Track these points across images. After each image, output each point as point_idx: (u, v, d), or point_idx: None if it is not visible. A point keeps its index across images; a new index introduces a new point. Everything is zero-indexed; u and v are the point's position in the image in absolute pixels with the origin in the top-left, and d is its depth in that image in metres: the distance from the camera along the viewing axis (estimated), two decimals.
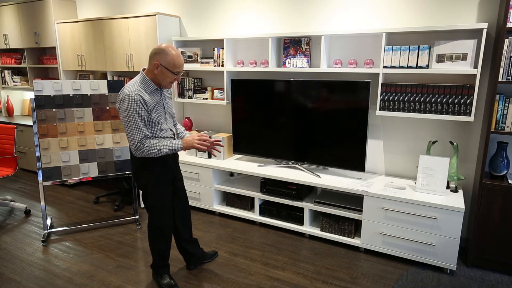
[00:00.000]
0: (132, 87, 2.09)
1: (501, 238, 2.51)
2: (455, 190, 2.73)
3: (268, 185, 3.23)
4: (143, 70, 2.19)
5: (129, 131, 2.09)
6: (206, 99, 3.68)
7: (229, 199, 3.53)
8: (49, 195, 4.12)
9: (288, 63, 3.24)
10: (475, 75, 2.67)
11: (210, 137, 2.36)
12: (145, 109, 2.10)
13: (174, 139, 2.35)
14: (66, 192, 4.21)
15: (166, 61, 2.09)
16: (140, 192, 2.30)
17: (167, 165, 2.29)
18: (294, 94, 3.15)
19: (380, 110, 2.84)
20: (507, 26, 2.28)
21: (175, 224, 2.48)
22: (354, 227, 2.92)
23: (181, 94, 3.83)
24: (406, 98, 2.74)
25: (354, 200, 3.03)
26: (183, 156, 3.69)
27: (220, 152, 3.30)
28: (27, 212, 3.62)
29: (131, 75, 4.35)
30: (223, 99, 3.59)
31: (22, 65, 5.00)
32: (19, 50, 5.16)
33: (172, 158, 2.33)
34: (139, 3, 4.20)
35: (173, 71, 2.12)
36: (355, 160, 2.99)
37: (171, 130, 2.32)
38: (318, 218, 3.28)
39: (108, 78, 4.42)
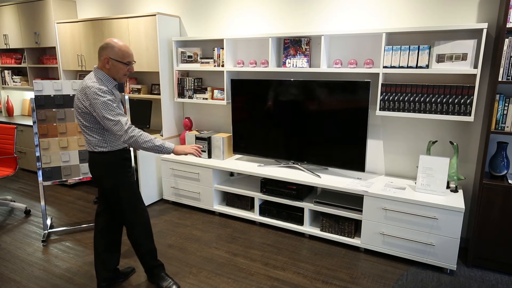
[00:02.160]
0: (96, 83, 2.02)
1: (501, 238, 2.51)
2: (455, 190, 2.73)
3: (268, 185, 3.23)
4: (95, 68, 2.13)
5: (112, 118, 1.99)
6: (206, 99, 3.68)
7: (229, 199, 3.53)
8: (49, 195, 4.12)
9: (288, 63, 3.24)
10: (475, 75, 2.67)
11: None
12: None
13: None
14: (66, 192, 4.21)
15: (115, 53, 2.07)
16: (111, 197, 2.24)
17: (132, 170, 2.27)
18: (294, 94, 3.15)
19: (380, 110, 2.84)
20: (507, 26, 2.28)
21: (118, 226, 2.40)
22: (354, 227, 2.92)
23: (181, 94, 3.83)
24: (406, 98, 2.74)
25: (354, 200, 3.03)
26: (183, 155, 3.69)
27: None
28: (27, 212, 3.62)
29: (130, 74, 4.35)
30: (223, 99, 3.59)
31: (22, 65, 5.00)
32: (19, 50, 5.16)
33: (132, 166, 2.30)
34: (139, 3, 4.20)
35: (124, 62, 2.10)
36: (355, 160, 2.99)
37: None
38: (318, 218, 3.28)
39: None
